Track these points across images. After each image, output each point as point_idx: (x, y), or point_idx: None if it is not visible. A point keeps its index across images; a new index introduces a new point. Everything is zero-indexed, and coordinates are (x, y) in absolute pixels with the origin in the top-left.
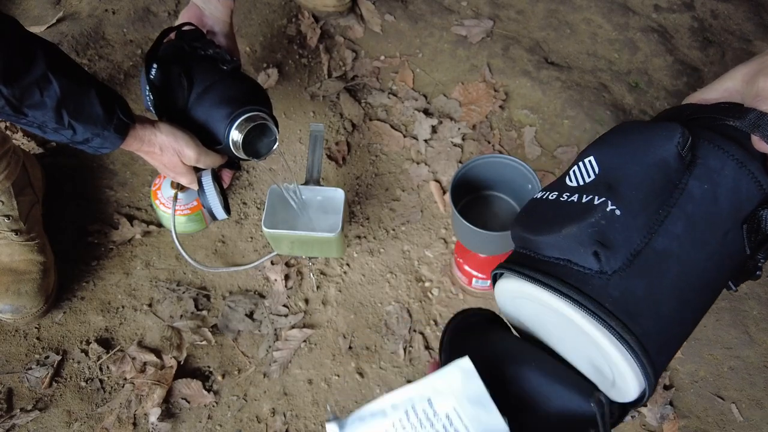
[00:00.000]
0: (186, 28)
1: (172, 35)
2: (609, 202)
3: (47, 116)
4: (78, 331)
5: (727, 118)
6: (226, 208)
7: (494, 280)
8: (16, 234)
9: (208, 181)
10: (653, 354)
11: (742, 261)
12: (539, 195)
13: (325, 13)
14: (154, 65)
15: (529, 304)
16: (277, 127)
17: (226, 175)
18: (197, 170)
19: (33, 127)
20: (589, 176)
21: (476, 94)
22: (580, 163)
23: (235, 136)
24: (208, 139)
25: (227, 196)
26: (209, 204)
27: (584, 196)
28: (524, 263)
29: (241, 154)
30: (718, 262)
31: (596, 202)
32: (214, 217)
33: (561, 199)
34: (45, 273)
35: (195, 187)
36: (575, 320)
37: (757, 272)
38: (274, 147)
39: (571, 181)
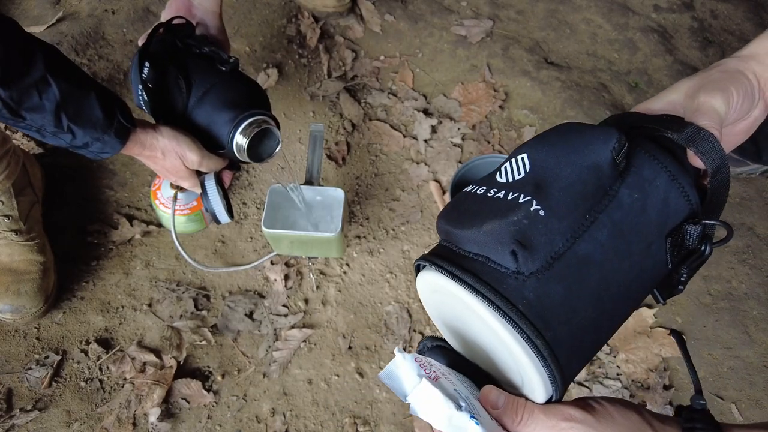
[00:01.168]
0: (176, 21)
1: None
2: (534, 202)
3: (46, 120)
4: (78, 331)
5: (666, 130)
6: (229, 212)
7: (417, 271)
8: (16, 234)
9: (211, 184)
10: (563, 361)
11: (665, 274)
12: (468, 188)
13: (325, 13)
14: (147, 64)
15: (447, 298)
16: (278, 129)
17: (226, 176)
18: (199, 173)
19: (31, 130)
20: (519, 173)
21: (476, 94)
22: (513, 160)
23: (240, 140)
24: (210, 142)
25: (230, 200)
26: (213, 208)
27: (510, 193)
28: (444, 256)
29: (244, 158)
30: (639, 273)
31: (521, 201)
32: (217, 221)
33: (488, 194)
34: (45, 273)
35: (198, 190)
36: (486, 320)
37: (680, 287)
38: (277, 150)
39: (501, 177)
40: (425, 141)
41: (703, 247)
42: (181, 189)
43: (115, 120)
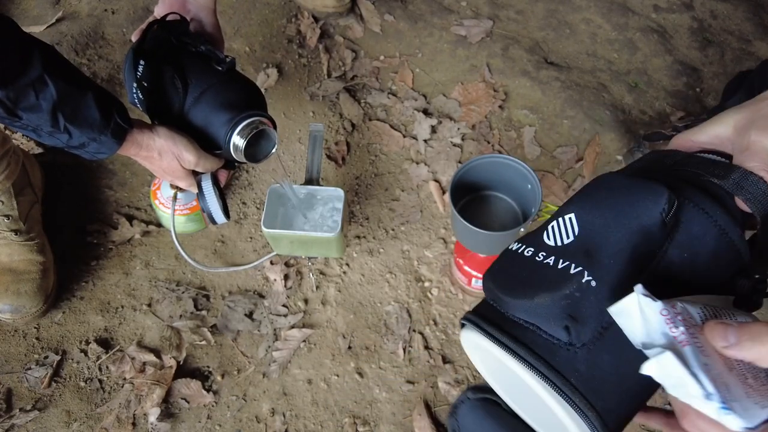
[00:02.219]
0: (170, 18)
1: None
2: (585, 273)
3: (42, 119)
4: (77, 331)
5: (712, 176)
6: (226, 212)
7: (462, 325)
8: (16, 234)
9: (208, 185)
10: (613, 426)
11: None
12: (515, 247)
13: (324, 13)
14: (142, 62)
15: (493, 359)
16: (275, 129)
17: (222, 176)
18: (195, 174)
19: (28, 130)
20: (568, 237)
21: (476, 94)
22: (561, 220)
23: (238, 141)
24: (207, 143)
25: (226, 200)
26: (209, 208)
27: (561, 260)
28: (492, 320)
29: (240, 158)
30: None
31: (572, 271)
32: (213, 222)
33: (537, 258)
34: (44, 273)
35: (194, 190)
36: (539, 392)
37: None
38: (273, 151)
39: (549, 238)
40: (425, 141)
41: (755, 299)
42: (180, 189)
43: (112, 121)
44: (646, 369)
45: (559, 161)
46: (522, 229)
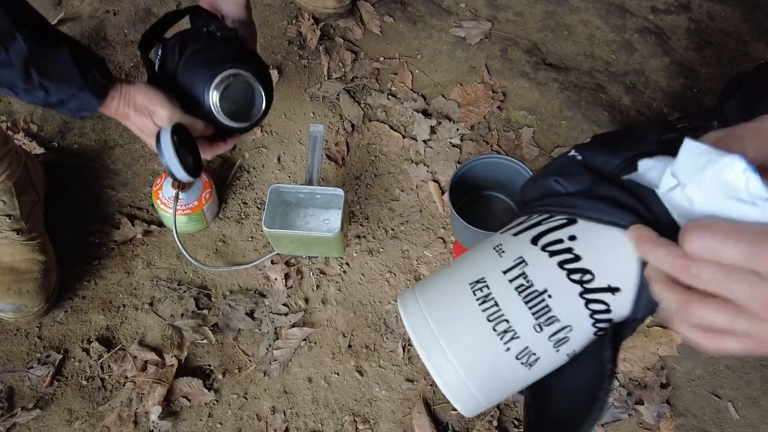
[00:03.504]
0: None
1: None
2: (573, 150)
3: (15, 75)
4: (79, 330)
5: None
6: (192, 169)
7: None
8: (18, 233)
9: (166, 136)
10: None
11: None
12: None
13: (325, 14)
14: (160, 49)
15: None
16: (268, 89)
17: (220, 148)
18: None
19: (2, 87)
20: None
21: (474, 95)
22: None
23: (214, 97)
24: (192, 104)
25: (200, 157)
26: (166, 162)
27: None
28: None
29: (224, 119)
30: None
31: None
32: (174, 178)
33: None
34: (46, 272)
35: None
36: None
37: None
38: (262, 109)
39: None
40: (424, 141)
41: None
42: (182, 189)
43: (90, 76)
44: (677, 161)
45: None
46: None
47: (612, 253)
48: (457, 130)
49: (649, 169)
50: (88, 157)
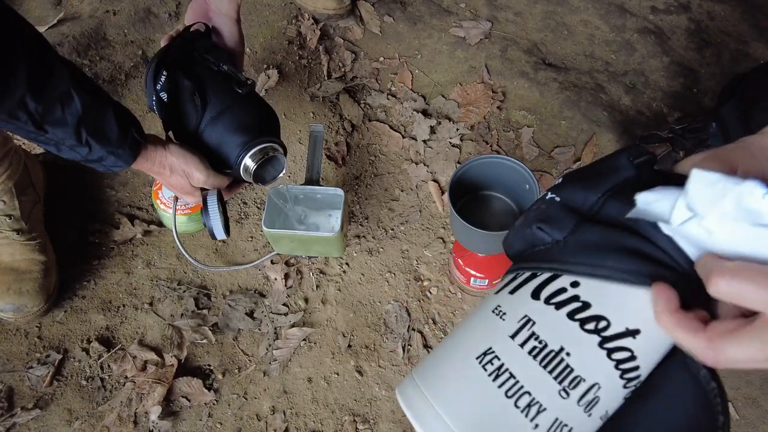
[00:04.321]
0: (194, 28)
1: (174, 32)
2: (550, 193)
3: (67, 134)
4: (79, 330)
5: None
6: (227, 229)
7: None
8: (18, 233)
9: (213, 201)
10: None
11: None
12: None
13: (325, 15)
14: (164, 73)
15: None
16: (285, 155)
17: (229, 193)
18: (203, 190)
19: (50, 145)
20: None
21: (474, 95)
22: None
23: (249, 164)
24: (218, 162)
25: (228, 217)
26: (211, 225)
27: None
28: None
29: (249, 179)
30: None
31: (547, 197)
32: (213, 237)
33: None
34: (46, 272)
35: (200, 205)
36: None
37: None
38: (280, 175)
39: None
40: (424, 141)
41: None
42: None
43: (129, 136)
44: (687, 191)
45: (557, 162)
46: None
47: (621, 292)
48: (457, 130)
49: (651, 202)
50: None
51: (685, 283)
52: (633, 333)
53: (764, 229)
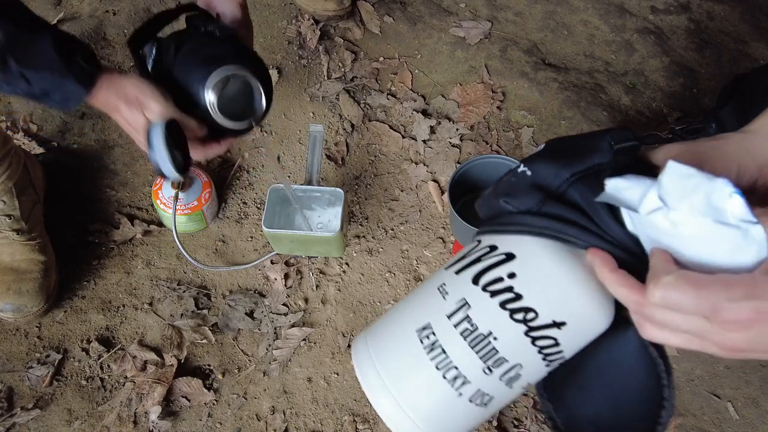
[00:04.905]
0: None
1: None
2: (522, 165)
3: None
4: (79, 330)
5: None
6: (181, 166)
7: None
8: (18, 233)
9: (157, 132)
10: None
11: None
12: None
13: (325, 16)
14: (154, 49)
15: None
16: (268, 88)
17: (213, 150)
18: None
19: None
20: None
21: (474, 95)
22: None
23: (210, 95)
24: (187, 102)
25: (189, 156)
26: (155, 158)
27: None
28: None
29: (220, 119)
30: None
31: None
32: (162, 175)
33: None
34: (46, 272)
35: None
36: None
37: None
38: (262, 111)
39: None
40: (424, 141)
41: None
42: (182, 189)
43: (74, 63)
44: (661, 183)
45: None
46: None
47: (554, 286)
48: (457, 130)
49: (621, 189)
50: (88, 157)
51: (630, 263)
52: (559, 325)
53: (723, 227)
